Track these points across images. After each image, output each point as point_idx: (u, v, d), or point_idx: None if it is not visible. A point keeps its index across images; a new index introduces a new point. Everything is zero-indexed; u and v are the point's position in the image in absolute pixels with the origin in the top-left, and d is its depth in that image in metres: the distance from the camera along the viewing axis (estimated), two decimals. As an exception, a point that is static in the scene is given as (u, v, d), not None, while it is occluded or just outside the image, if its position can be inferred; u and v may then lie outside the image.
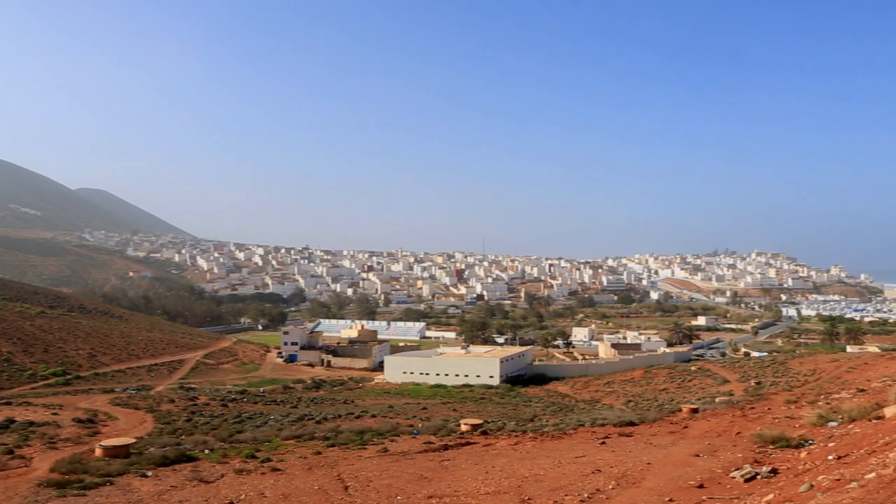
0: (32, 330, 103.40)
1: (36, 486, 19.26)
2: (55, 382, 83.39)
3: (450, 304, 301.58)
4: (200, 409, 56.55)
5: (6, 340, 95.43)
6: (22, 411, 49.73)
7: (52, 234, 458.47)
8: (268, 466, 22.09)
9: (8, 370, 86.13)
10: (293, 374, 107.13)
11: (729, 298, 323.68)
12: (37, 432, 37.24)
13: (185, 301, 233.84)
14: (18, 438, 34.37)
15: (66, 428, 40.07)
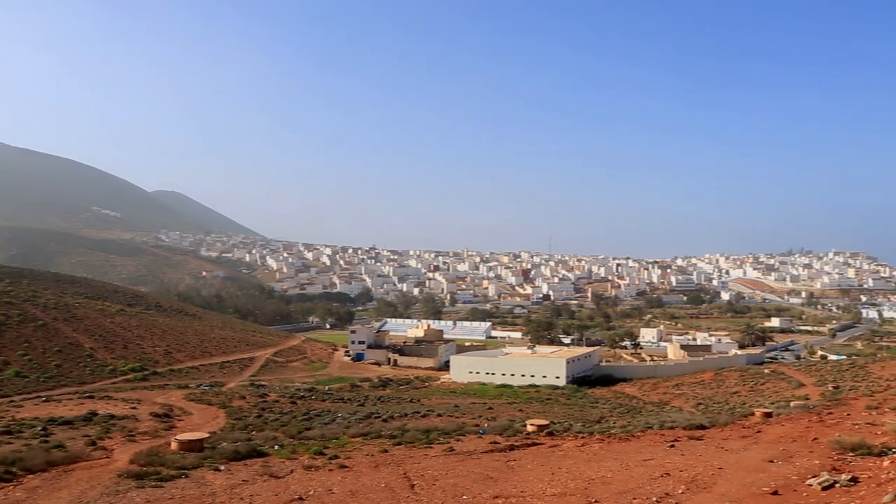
0: (113, 327, 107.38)
1: (117, 477, 19.98)
2: (134, 378, 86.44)
3: (516, 303, 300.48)
4: (270, 405, 57.77)
5: (89, 337, 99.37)
6: (103, 405, 51.74)
7: (131, 235, 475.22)
8: (335, 463, 22.39)
9: (90, 365, 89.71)
10: (360, 372, 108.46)
11: (804, 299, 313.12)
12: (117, 425, 38.66)
13: (255, 300, 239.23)
14: (101, 430, 35.80)
15: (144, 421, 41.48)
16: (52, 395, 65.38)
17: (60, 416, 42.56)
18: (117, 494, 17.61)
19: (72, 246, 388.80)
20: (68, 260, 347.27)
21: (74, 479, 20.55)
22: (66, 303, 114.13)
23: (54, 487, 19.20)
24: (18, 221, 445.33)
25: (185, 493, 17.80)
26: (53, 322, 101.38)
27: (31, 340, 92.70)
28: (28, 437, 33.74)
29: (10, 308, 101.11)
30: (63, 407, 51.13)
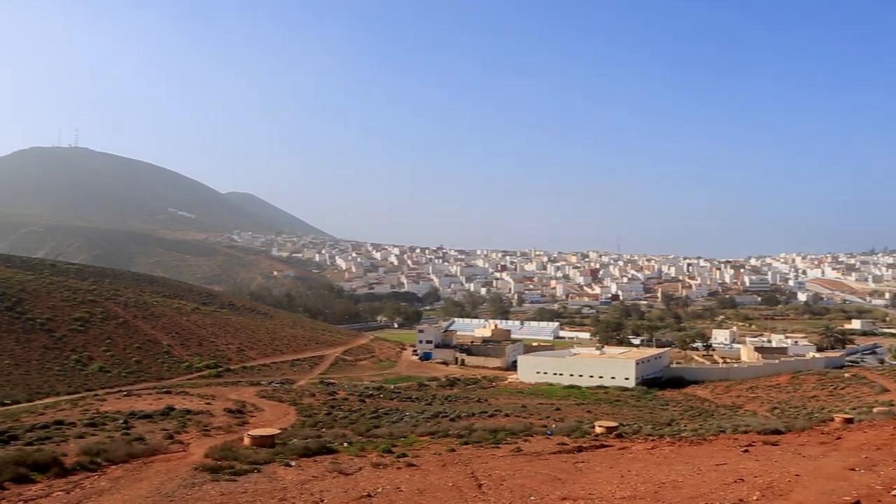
0: (188, 325, 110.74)
1: (193, 470, 20.61)
2: (208, 374, 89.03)
3: (584, 303, 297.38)
4: (339, 403, 58.62)
5: (166, 334, 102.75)
6: (180, 400, 53.40)
7: (205, 235, 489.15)
8: (403, 462, 22.58)
9: (168, 361, 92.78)
10: (428, 371, 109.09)
11: (889, 300, 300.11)
12: (193, 420, 39.84)
13: (325, 299, 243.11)
14: (178, 425, 36.96)
15: (218, 417, 42.62)
16: (132, 390, 67.89)
17: (140, 410, 44.13)
18: (193, 487, 18.15)
19: (150, 246, 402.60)
20: (146, 260, 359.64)
21: (154, 470, 21.29)
22: (144, 301, 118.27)
23: (135, 478, 19.93)
24: (102, 223, 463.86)
25: (257, 487, 18.22)
26: (133, 320, 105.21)
27: (113, 337, 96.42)
28: (111, 429, 35.11)
29: (93, 306, 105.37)
30: (142, 401, 53.00)
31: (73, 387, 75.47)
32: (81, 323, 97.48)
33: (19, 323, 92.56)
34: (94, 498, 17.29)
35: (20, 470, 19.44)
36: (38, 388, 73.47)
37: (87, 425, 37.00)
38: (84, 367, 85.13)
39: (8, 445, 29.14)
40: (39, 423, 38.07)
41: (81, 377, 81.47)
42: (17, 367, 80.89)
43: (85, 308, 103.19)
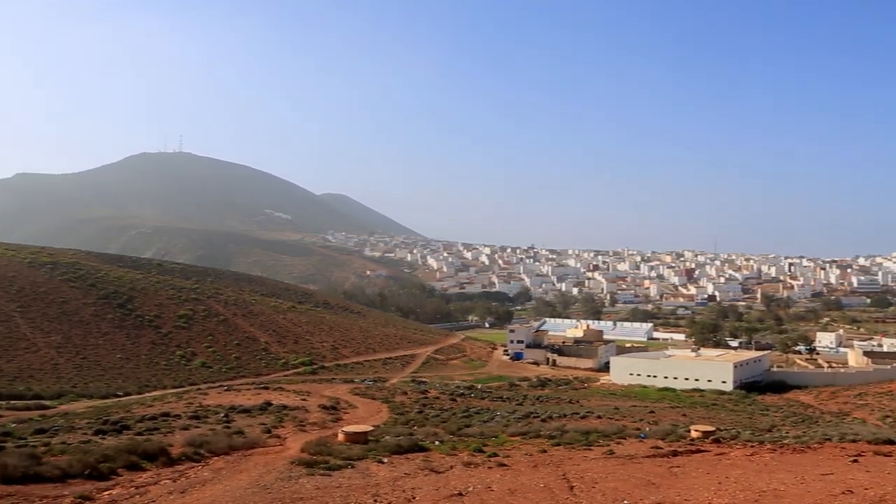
0: (285, 323, 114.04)
1: (289, 464, 21.22)
2: (303, 371, 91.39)
3: (678, 304, 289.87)
4: (431, 402, 59.10)
5: (264, 332, 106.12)
6: (277, 395, 55.07)
7: (301, 236, 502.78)
8: (494, 461, 22.58)
9: (265, 358, 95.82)
10: (519, 371, 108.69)
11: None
12: (289, 415, 40.98)
13: (416, 299, 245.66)
14: (275, 420, 38.12)
15: (313, 413, 43.68)
16: (232, 385, 70.44)
17: (240, 405, 45.73)
18: (290, 480, 18.68)
19: (248, 246, 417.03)
20: (245, 259, 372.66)
21: (253, 463, 22.04)
22: (243, 300, 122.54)
23: (235, 470, 20.68)
24: (204, 224, 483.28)
25: (350, 482, 18.59)
26: (233, 317, 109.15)
27: (214, 334, 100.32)
28: (213, 422, 36.53)
29: (196, 304, 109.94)
30: (242, 396, 54.93)
31: (178, 381, 79.04)
32: (185, 320, 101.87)
33: (129, 319, 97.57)
34: (198, 487, 18.03)
35: (132, 458, 20.52)
36: (146, 381, 77.32)
37: (191, 418, 38.65)
38: (188, 363, 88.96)
39: (121, 435, 30.81)
40: (148, 415, 40.02)
41: (186, 372, 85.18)
42: (127, 361, 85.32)
43: (188, 306, 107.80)
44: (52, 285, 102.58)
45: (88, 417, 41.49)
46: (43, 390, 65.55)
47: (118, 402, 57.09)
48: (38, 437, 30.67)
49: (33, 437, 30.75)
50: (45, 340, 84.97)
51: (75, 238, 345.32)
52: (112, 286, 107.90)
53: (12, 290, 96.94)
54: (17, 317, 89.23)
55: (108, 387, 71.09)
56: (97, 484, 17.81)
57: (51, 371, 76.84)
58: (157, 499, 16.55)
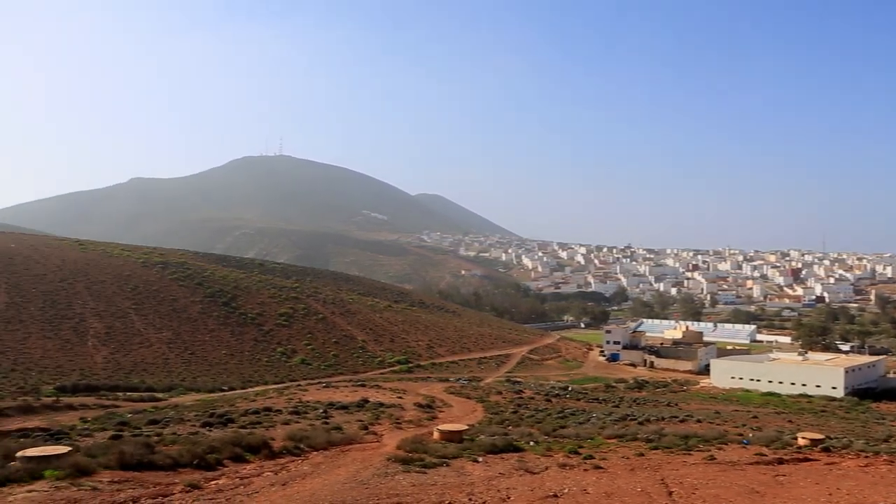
0: (381, 322, 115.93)
1: (386, 460, 21.57)
2: (399, 369, 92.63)
3: (784, 305, 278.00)
4: (526, 402, 58.85)
5: (361, 330, 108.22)
6: (374, 393, 56.08)
7: (397, 236, 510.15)
8: (590, 463, 22.29)
9: (362, 356, 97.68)
10: (615, 373, 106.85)
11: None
12: (386, 412, 41.65)
13: (511, 298, 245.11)
14: (371, 417, 38.82)
15: (409, 411, 44.24)
16: (330, 382, 72.24)
17: (338, 401, 46.82)
18: (386, 476, 18.98)
19: (345, 246, 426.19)
20: (342, 259, 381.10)
21: (350, 458, 22.53)
22: (341, 299, 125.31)
23: (334, 465, 21.19)
24: (303, 225, 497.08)
25: (446, 480, 18.72)
26: (332, 316, 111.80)
27: (313, 332, 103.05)
28: (312, 418, 37.55)
29: (296, 303, 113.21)
30: (340, 393, 56.21)
31: (278, 377, 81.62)
32: (286, 318, 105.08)
33: (234, 317, 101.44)
34: (298, 480, 18.57)
35: (236, 450, 21.35)
36: (249, 376, 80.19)
37: (291, 413, 39.84)
38: (288, 359, 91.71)
39: (226, 427, 32.11)
40: (251, 409, 41.51)
41: (286, 368, 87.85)
42: (231, 356, 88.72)
43: (289, 304, 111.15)
44: (163, 284, 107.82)
45: (196, 410, 43.43)
46: (155, 383, 69.03)
47: (223, 397, 59.48)
48: (151, 428, 32.37)
49: (147, 428, 32.48)
50: (157, 336, 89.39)
51: (183, 238, 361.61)
52: (217, 285, 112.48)
53: (128, 288, 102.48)
54: (133, 313, 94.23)
55: (213, 381, 74.21)
56: (205, 473, 18.61)
57: (162, 365, 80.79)
58: (260, 490, 17.14)
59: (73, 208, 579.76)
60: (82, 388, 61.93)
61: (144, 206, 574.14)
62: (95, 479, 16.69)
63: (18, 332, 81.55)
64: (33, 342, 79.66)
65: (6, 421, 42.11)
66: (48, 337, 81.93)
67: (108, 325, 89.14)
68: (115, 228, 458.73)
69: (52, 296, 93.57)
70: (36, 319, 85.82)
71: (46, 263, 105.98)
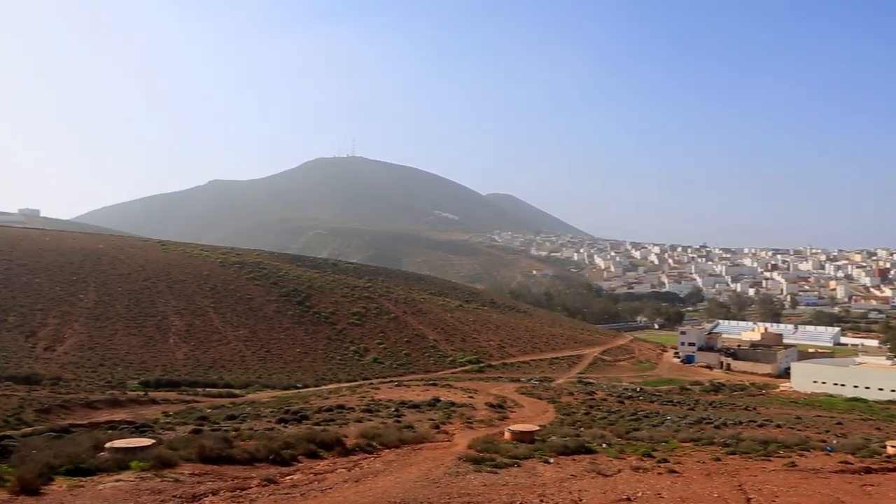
0: (452, 321, 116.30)
1: (457, 460, 21.61)
2: (470, 369, 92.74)
3: (870, 307, 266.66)
4: (598, 403, 58.11)
5: (432, 330, 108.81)
6: (445, 392, 56.32)
7: (468, 236, 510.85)
8: (664, 467, 21.84)
9: (434, 355, 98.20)
10: (689, 375, 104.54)
11: None
12: (457, 412, 41.74)
13: (583, 298, 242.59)
14: (443, 416, 38.97)
15: (480, 410, 44.22)
16: (402, 381, 72.87)
17: (410, 400, 47.18)
18: (458, 476, 19.02)
19: (417, 246, 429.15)
20: (414, 259, 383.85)
21: (422, 457, 22.67)
22: (413, 298, 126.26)
23: (406, 463, 21.37)
24: (375, 225, 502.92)
25: (517, 481, 18.64)
26: (403, 315, 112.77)
27: (385, 331, 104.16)
28: (384, 416, 37.95)
29: (369, 302, 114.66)
30: (411, 391, 56.65)
31: (351, 375, 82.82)
32: (358, 317, 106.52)
33: (308, 316, 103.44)
34: (370, 477, 18.79)
35: (310, 446, 21.75)
36: (322, 374, 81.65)
37: (363, 411, 40.36)
38: (361, 358, 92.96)
39: (300, 424, 32.78)
40: (325, 407, 42.24)
41: (359, 367, 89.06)
42: (306, 354, 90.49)
43: (361, 304, 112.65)
44: (240, 283, 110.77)
45: (272, 407, 44.47)
46: (232, 380, 71.05)
47: (298, 394, 60.73)
48: (229, 423, 33.31)
49: (225, 423, 33.44)
50: (235, 334, 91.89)
51: (259, 239, 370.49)
52: (292, 284, 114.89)
53: (207, 287, 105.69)
54: (211, 311, 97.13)
55: (288, 378, 75.86)
56: (280, 469, 19.03)
57: (239, 362, 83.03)
58: (334, 486, 17.41)
59: (156, 210, 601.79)
60: (164, 384, 64.33)
61: (222, 207, 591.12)
62: (177, 471, 17.28)
63: (106, 328, 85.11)
64: (119, 339, 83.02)
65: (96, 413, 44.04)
66: (133, 334, 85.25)
67: (189, 322, 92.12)
68: (195, 229, 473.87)
69: (137, 294, 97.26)
70: (122, 317, 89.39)
71: (131, 263, 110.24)
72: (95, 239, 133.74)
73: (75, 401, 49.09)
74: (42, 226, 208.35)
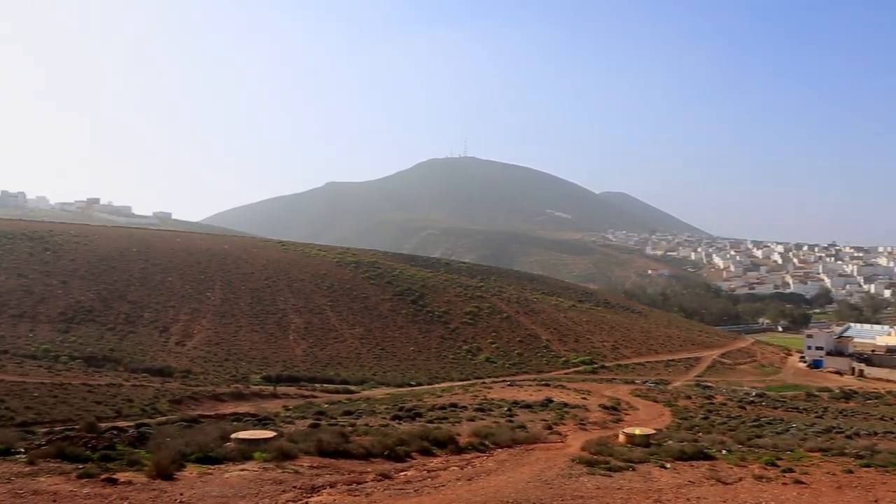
0: (565, 321, 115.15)
1: (570, 461, 21.40)
2: (584, 370, 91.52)
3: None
4: (717, 408, 56.07)
5: (545, 330, 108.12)
6: (558, 393, 55.83)
7: (581, 235, 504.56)
8: (790, 477, 20.82)
9: (546, 356, 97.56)
10: (817, 381, 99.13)
11: None
12: (570, 413, 41.29)
13: (701, 299, 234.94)
14: (556, 416, 38.65)
15: (594, 412, 43.57)
16: (514, 380, 72.77)
17: (522, 400, 47.06)
18: (570, 477, 18.84)
19: (529, 246, 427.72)
20: (526, 259, 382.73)
21: (534, 457, 22.59)
22: (525, 298, 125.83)
23: (518, 463, 21.35)
24: (488, 225, 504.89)
25: (632, 485, 18.27)
26: (516, 315, 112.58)
27: (498, 330, 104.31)
28: (496, 415, 38.01)
29: (481, 301, 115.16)
30: (524, 391, 56.48)
31: (464, 374, 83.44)
32: (471, 317, 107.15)
33: (421, 315, 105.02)
34: (483, 476, 18.89)
35: (424, 444, 22.09)
36: (435, 373, 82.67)
37: (476, 410, 40.56)
38: (473, 357, 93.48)
39: (414, 421, 33.33)
40: (438, 405, 42.75)
41: (471, 366, 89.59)
42: (419, 353, 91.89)
43: (474, 303, 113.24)
44: (356, 282, 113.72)
45: (386, 403, 45.44)
46: (349, 376, 73.10)
47: (412, 391, 61.80)
48: (345, 418, 34.27)
49: (342, 418, 34.44)
50: (351, 332, 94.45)
51: (374, 239, 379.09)
52: (406, 284, 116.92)
53: (324, 286, 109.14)
54: (328, 310, 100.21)
55: (402, 376, 77.29)
56: (395, 464, 19.44)
57: (355, 359, 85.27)
58: (447, 483, 17.61)
59: (277, 211, 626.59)
60: (284, 379, 67.02)
61: (338, 208, 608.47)
62: (297, 464, 17.97)
63: (231, 325, 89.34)
64: (243, 335, 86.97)
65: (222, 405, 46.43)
66: (255, 330, 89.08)
67: (307, 320, 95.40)
68: (313, 230, 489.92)
69: (259, 293, 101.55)
70: (245, 314, 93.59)
71: (254, 263, 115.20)
72: (221, 240, 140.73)
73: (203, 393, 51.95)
74: (174, 227, 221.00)
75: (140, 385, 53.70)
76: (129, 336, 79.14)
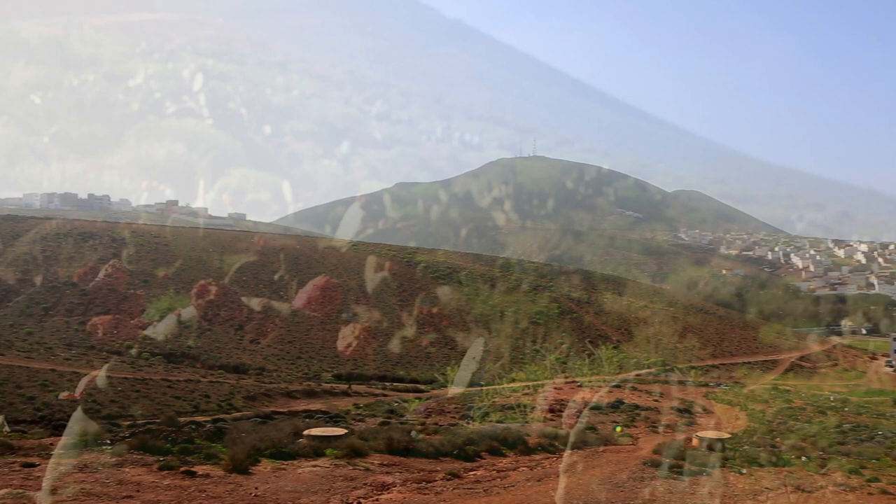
0: (637, 322, 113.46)
1: (641, 464, 21.11)
2: (656, 371, 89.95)
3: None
4: (796, 413, 54.37)
5: (615, 330, 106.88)
6: (629, 395, 55.09)
7: (652, 234, 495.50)
8: (875, 487, 20.03)
9: (617, 357, 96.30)
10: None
11: None
12: (641, 415, 40.72)
13: (778, 300, 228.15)
14: (626, 419, 38.17)
15: (666, 415, 42.82)
16: (585, 381, 71.96)
17: (592, 401, 46.58)
18: (642, 480, 18.59)
19: (599, 245, 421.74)
20: (596, 258, 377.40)
21: (605, 460, 22.36)
22: (595, 298, 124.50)
23: (588, 465, 21.17)
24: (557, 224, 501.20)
25: (705, 490, 17.92)
26: (585, 315, 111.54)
27: (567, 331, 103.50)
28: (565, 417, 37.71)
29: (550, 301, 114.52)
30: (594, 393, 55.86)
31: (533, 374, 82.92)
32: (540, 316, 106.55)
33: (490, 314, 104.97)
34: (552, 477, 18.81)
35: (493, 444, 22.16)
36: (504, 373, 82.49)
37: (545, 410, 40.34)
38: (542, 358, 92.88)
39: (483, 421, 33.39)
40: (507, 405, 42.68)
41: (541, 366, 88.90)
42: (488, 353, 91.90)
43: (543, 303, 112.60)
44: (426, 282, 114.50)
45: (455, 403, 45.59)
46: (418, 375, 73.67)
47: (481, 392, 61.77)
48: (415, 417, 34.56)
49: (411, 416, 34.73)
50: (420, 331, 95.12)
51: (443, 239, 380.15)
52: (474, 283, 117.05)
53: (394, 285, 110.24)
54: (398, 309, 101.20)
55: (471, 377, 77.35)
56: (464, 464, 19.54)
57: (424, 359, 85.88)
58: (516, 484, 17.59)
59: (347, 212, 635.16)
60: (355, 377, 67.97)
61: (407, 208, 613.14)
62: (368, 461, 18.23)
63: (303, 323, 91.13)
64: (315, 333, 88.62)
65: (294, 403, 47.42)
66: (326, 329, 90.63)
67: (377, 319, 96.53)
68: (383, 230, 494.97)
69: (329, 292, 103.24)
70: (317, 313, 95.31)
71: (325, 262, 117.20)
72: (293, 240, 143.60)
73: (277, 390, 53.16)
74: (248, 228, 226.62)
75: (216, 381, 55.31)
76: (205, 333, 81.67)
